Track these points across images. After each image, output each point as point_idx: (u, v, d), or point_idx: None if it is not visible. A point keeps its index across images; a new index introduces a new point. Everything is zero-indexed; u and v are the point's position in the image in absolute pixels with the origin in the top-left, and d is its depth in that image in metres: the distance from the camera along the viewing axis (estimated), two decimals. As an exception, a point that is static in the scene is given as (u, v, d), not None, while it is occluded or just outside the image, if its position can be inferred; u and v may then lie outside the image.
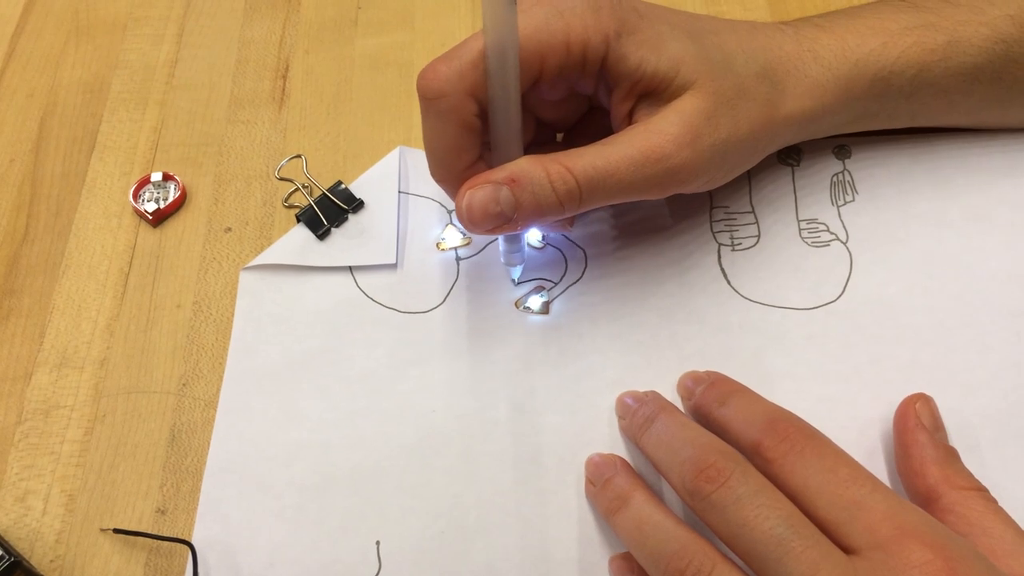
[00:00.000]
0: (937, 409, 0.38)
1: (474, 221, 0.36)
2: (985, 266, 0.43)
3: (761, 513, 0.30)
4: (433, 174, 0.38)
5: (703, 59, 0.37)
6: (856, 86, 0.41)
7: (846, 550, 0.29)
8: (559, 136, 0.44)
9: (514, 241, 0.41)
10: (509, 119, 0.36)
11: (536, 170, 0.36)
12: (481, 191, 0.36)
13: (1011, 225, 0.44)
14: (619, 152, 0.36)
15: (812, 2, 0.53)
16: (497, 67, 0.34)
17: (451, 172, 0.37)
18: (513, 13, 0.33)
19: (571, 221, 0.42)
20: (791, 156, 0.46)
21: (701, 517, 0.32)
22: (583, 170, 0.36)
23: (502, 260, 0.43)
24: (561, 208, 0.36)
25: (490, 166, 0.38)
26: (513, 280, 0.43)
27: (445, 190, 0.39)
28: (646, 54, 0.36)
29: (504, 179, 0.36)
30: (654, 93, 0.37)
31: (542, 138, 0.43)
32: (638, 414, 0.38)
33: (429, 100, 0.35)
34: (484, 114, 0.36)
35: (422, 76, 0.36)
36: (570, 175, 0.36)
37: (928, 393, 0.38)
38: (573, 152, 0.36)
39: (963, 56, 0.41)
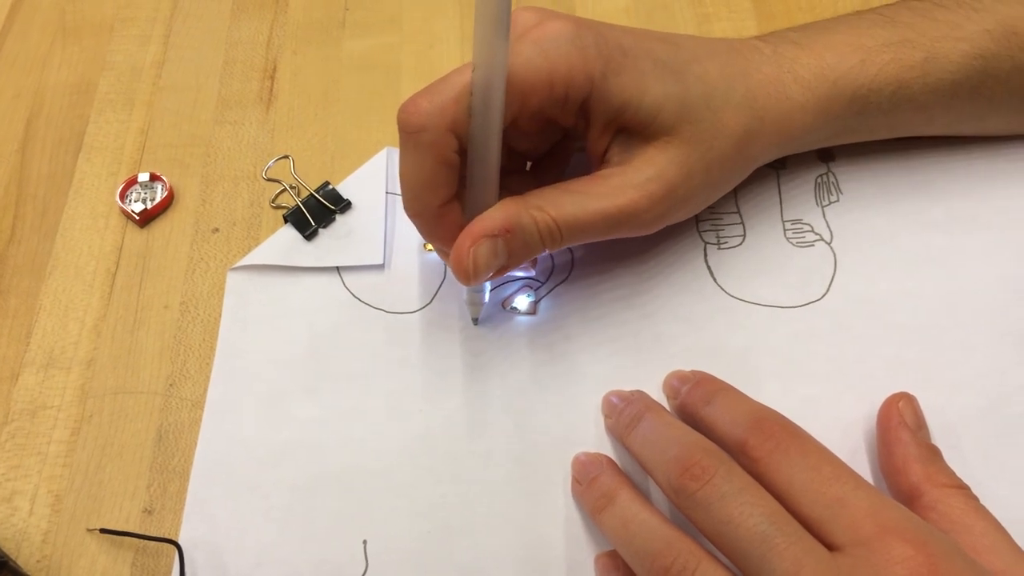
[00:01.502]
0: (920, 408, 0.38)
1: (479, 276, 0.36)
2: (969, 265, 0.43)
3: (745, 511, 0.30)
4: (407, 208, 0.38)
5: (683, 102, 0.37)
6: (836, 105, 0.41)
7: (829, 547, 0.30)
8: (528, 165, 0.43)
9: (479, 285, 0.41)
10: (488, 157, 0.36)
11: (525, 218, 0.36)
12: (484, 247, 0.36)
13: (994, 225, 0.44)
14: (596, 206, 0.37)
15: (796, 2, 0.54)
16: (481, 104, 0.34)
17: (427, 208, 0.37)
18: (505, 50, 0.33)
19: (534, 263, 0.43)
20: (776, 160, 0.46)
21: (686, 515, 0.32)
22: (564, 219, 0.37)
23: (464, 299, 0.42)
24: (543, 251, 0.37)
25: (463, 203, 0.38)
26: (473, 320, 0.43)
27: (417, 225, 0.38)
28: (629, 97, 0.36)
29: (499, 230, 0.36)
30: (631, 131, 0.38)
31: (511, 166, 0.42)
32: (624, 413, 0.38)
33: (408, 134, 0.35)
34: (464, 150, 0.36)
35: (403, 110, 0.35)
36: (554, 224, 0.36)
37: (911, 392, 0.39)
38: (553, 198, 0.37)
39: (941, 72, 0.41)
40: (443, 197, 0.37)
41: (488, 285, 0.42)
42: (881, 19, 0.42)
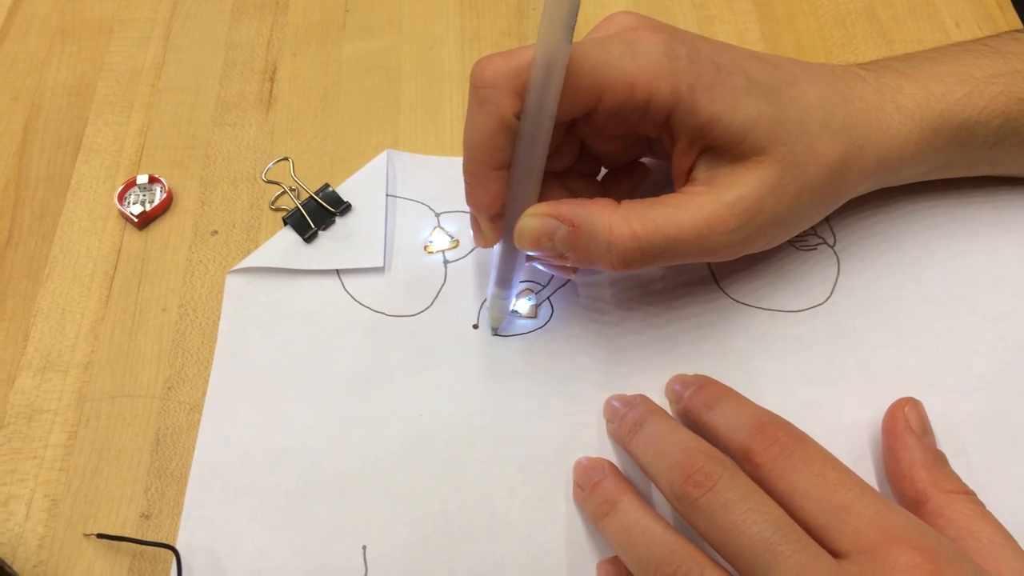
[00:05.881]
0: (925, 413, 0.38)
1: (522, 245, 0.36)
2: (972, 269, 0.43)
3: (749, 517, 0.30)
4: (464, 165, 0.37)
5: (777, 122, 0.36)
6: (940, 137, 0.40)
7: (834, 554, 0.29)
8: (600, 175, 0.43)
9: (504, 286, 0.40)
10: (537, 137, 0.35)
11: (600, 222, 0.35)
12: (540, 221, 0.36)
13: (997, 229, 0.44)
14: (687, 220, 0.36)
15: (799, 5, 0.54)
16: (540, 80, 0.33)
17: (479, 167, 0.36)
18: (568, 34, 0.32)
19: (575, 269, 0.41)
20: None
21: (689, 521, 0.32)
22: (649, 235, 0.35)
23: (487, 306, 0.42)
24: (612, 267, 0.36)
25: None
26: (492, 330, 0.42)
27: (466, 183, 0.38)
28: (718, 112, 0.35)
29: (565, 217, 0.35)
30: (719, 150, 0.36)
31: (582, 168, 0.41)
32: (626, 418, 0.37)
33: (477, 88, 0.35)
34: None
35: (477, 65, 0.35)
36: (633, 240, 0.35)
37: (916, 397, 0.38)
38: (642, 211, 0.36)
39: None
40: (497, 160, 0.36)
41: (514, 293, 0.41)
42: (987, 50, 0.41)
